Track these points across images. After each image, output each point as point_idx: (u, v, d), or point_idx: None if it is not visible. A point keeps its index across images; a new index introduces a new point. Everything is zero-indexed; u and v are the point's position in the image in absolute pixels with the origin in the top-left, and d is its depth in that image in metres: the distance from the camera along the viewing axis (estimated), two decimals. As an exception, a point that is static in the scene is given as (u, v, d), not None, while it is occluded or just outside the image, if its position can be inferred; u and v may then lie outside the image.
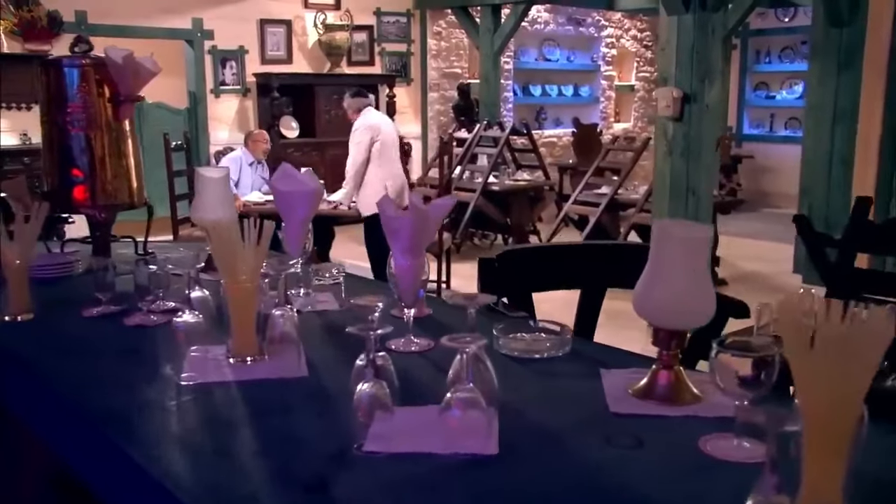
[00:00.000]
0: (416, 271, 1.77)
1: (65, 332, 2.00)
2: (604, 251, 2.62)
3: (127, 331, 1.97)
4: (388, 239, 1.77)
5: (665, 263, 1.47)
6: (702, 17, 5.96)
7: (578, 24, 12.24)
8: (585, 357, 1.76)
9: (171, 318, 2.01)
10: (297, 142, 9.44)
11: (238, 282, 1.65)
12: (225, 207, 2.49)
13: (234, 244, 1.66)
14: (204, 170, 2.50)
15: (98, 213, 2.57)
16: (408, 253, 1.75)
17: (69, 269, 2.49)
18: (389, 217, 1.72)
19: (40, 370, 1.78)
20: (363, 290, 2.30)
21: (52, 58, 2.59)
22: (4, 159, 7.21)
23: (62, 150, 2.56)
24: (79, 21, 8.00)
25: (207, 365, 1.67)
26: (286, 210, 2.18)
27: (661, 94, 6.17)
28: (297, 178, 2.20)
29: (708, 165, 6.27)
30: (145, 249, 2.78)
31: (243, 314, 1.68)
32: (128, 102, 2.56)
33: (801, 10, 11.73)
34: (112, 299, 2.11)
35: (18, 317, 2.05)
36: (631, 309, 1.54)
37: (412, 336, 1.80)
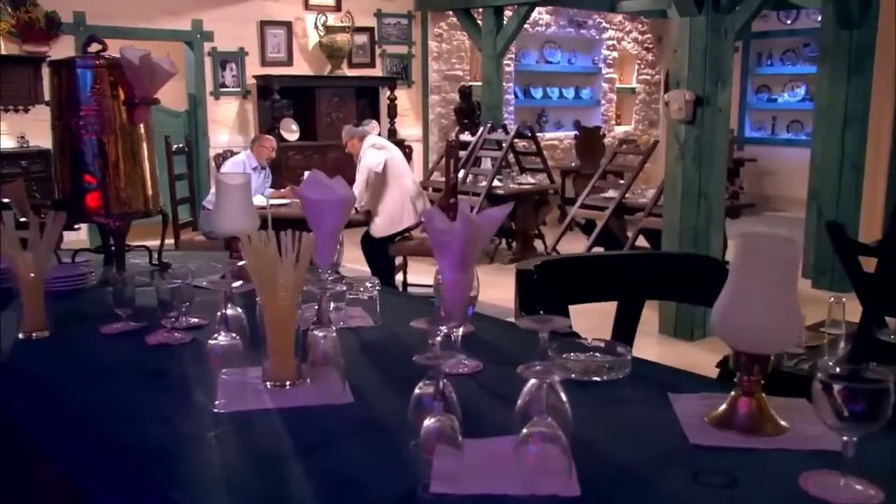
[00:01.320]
0: (465, 287, 1.65)
1: (83, 352, 1.87)
2: (645, 261, 2.51)
3: (150, 350, 1.84)
4: (436, 252, 1.64)
5: (751, 280, 1.35)
6: (714, 19, 5.85)
7: (579, 26, 12.14)
8: (648, 379, 1.64)
9: (195, 336, 1.89)
10: (298, 145, 9.31)
11: (276, 299, 1.53)
12: (247, 216, 2.37)
13: (272, 258, 1.53)
14: (225, 176, 2.38)
15: (112, 222, 2.44)
16: (457, 267, 1.63)
17: (82, 281, 2.35)
18: (438, 230, 1.60)
19: (60, 394, 1.65)
20: (400, 305, 2.18)
21: (64, 58, 2.46)
22: (2, 163, 7.06)
23: (74, 156, 2.43)
24: (77, 22, 7.87)
25: (243, 390, 1.55)
26: (315, 219, 2.05)
27: (673, 96, 6.06)
28: (327, 185, 2.07)
29: (720, 169, 6.16)
30: (160, 259, 2.65)
31: (281, 334, 1.55)
32: (143, 105, 2.43)
33: (804, 13, 11.67)
34: (132, 315, 1.98)
35: (33, 334, 1.92)
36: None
37: (461, 357, 1.68)
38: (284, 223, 2.42)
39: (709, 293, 2.45)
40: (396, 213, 6.19)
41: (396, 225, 6.24)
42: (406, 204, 6.23)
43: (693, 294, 2.41)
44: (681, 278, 2.40)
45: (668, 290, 2.42)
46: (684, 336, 5.98)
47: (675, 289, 2.43)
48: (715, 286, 2.05)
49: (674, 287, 2.42)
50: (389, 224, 6.23)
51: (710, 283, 2.44)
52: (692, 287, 2.38)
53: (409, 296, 2.19)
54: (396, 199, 6.21)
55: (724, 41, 5.94)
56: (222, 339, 1.60)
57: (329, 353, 1.55)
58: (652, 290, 2.46)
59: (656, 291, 2.44)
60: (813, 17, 11.77)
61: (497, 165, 8.39)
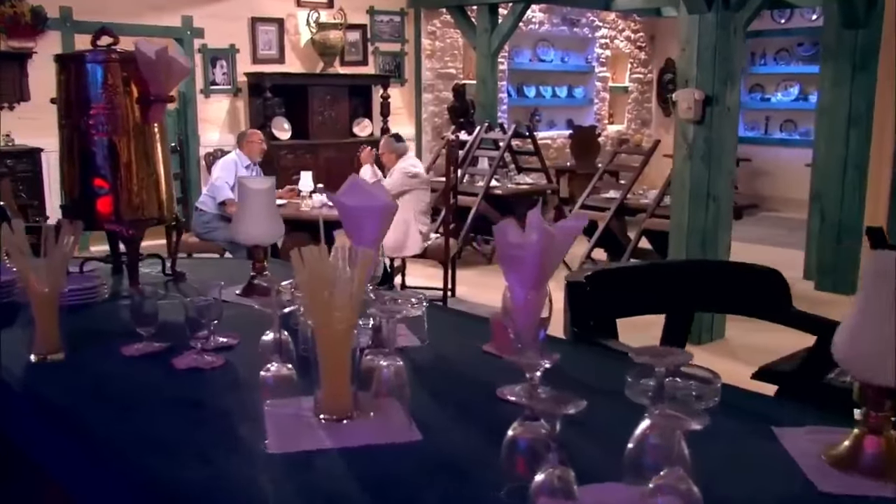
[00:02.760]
0: (537, 307, 1.48)
1: (104, 376, 1.68)
2: (699, 270, 2.35)
3: (179, 375, 1.66)
4: (506, 268, 1.48)
5: (883, 305, 1.19)
6: (724, 16, 5.72)
7: (573, 24, 12.00)
8: (742, 409, 1.48)
9: (227, 359, 1.71)
10: (290, 143, 9.11)
11: (332, 322, 1.35)
12: (273, 223, 2.20)
13: (329, 276, 1.35)
14: (248, 180, 2.20)
15: (125, 230, 2.25)
16: (529, 285, 1.46)
17: (94, 294, 2.16)
18: (511, 243, 1.43)
19: (81, 425, 1.47)
20: (444, 321, 2.01)
21: (72, 52, 2.27)
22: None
23: (84, 158, 2.25)
24: (64, 17, 7.63)
25: (294, 426, 1.38)
26: (353, 229, 1.88)
27: (681, 95, 5.91)
28: (367, 191, 1.90)
29: (729, 170, 6.04)
30: (174, 269, 2.47)
31: (336, 362, 1.38)
32: (159, 103, 2.25)
33: (798, 12, 11.58)
34: (154, 334, 1.80)
35: (48, 356, 1.73)
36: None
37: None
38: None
39: (766, 305, 2.32)
40: (399, 241, 6.05)
41: (400, 250, 6.12)
42: (414, 232, 6.12)
43: (750, 306, 2.26)
44: (737, 289, 2.25)
45: (722, 302, 2.27)
46: (692, 340, 5.84)
47: (731, 300, 2.27)
48: (773, 298, 1.90)
49: (729, 298, 2.27)
50: (394, 249, 6.10)
51: (768, 295, 2.30)
52: (749, 299, 2.23)
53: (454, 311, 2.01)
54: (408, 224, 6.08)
55: (733, 39, 5.82)
56: (275, 370, 1.42)
57: (395, 384, 1.37)
58: (704, 302, 2.31)
59: (709, 303, 2.28)
60: (807, 16, 11.70)
61: (495, 165, 8.23)
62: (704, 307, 2.26)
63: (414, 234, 6.14)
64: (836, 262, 7.27)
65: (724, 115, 5.85)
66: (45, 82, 7.42)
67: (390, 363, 1.39)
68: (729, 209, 6.10)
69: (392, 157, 6.26)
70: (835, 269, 7.24)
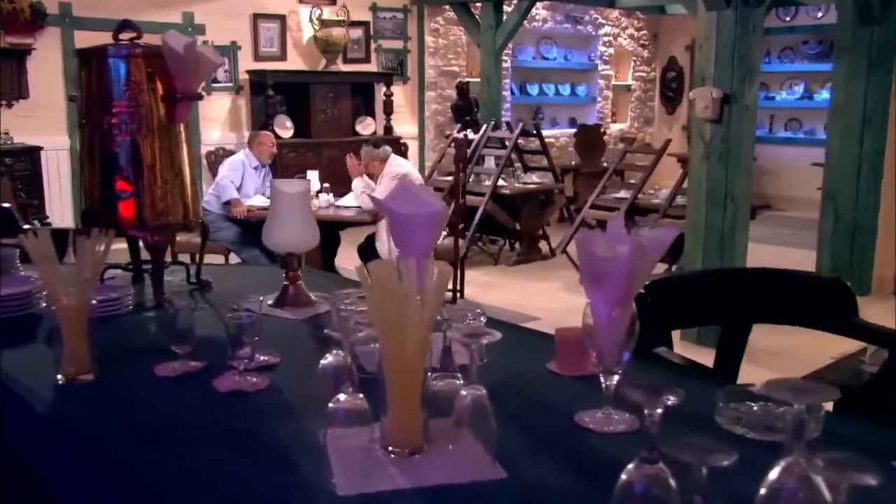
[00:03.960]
0: (622, 325, 1.34)
1: (139, 401, 1.53)
2: (759, 280, 2.21)
3: (222, 399, 1.51)
4: (589, 283, 1.34)
5: None
6: (743, 13, 5.59)
7: (576, 22, 11.87)
8: (845, 438, 1.34)
9: (272, 380, 1.57)
10: (292, 142, 8.97)
11: (405, 345, 1.21)
12: (308, 229, 2.05)
13: (405, 296, 1.21)
14: (281, 183, 2.06)
15: (150, 236, 2.11)
16: (616, 302, 1.33)
17: (118, 306, 2.01)
18: (597, 257, 1.29)
19: (117, 458, 1.32)
20: (514, 341, 1.86)
21: (94, 46, 2.12)
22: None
23: (105, 159, 2.09)
24: (63, 13, 7.47)
25: (362, 461, 1.23)
26: (403, 237, 1.74)
27: (698, 94, 5.79)
28: (419, 196, 1.76)
29: (747, 170, 5.91)
30: (199, 277, 2.32)
31: (408, 390, 1.24)
32: (186, 101, 2.10)
33: (803, 10, 11.47)
34: (190, 352, 1.66)
35: (77, 377, 1.59)
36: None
37: (612, 412, 1.38)
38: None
39: (830, 317, 2.19)
40: None
41: None
42: None
43: (812, 318, 2.13)
44: (798, 299, 2.11)
45: (782, 313, 2.13)
46: (709, 343, 5.71)
47: (791, 311, 2.14)
48: (837, 309, 1.77)
49: (790, 309, 2.14)
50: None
51: (832, 305, 2.17)
52: (811, 310, 2.10)
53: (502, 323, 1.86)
54: None
55: (752, 36, 5.69)
56: (347, 401, 1.27)
57: (478, 417, 1.23)
58: (763, 313, 2.17)
59: (768, 314, 2.15)
60: (812, 13, 11.59)
61: (502, 164, 8.09)
62: (763, 318, 2.12)
63: None
64: (851, 263, 7.16)
65: (742, 113, 5.74)
66: (44, 79, 7.34)
67: (471, 392, 1.24)
68: (746, 209, 5.98)
69: (377, 164, 6.12)
70: (849, 270, 7.13)
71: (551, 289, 6.86)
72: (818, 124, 12.07)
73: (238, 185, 6.22)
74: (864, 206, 7.10)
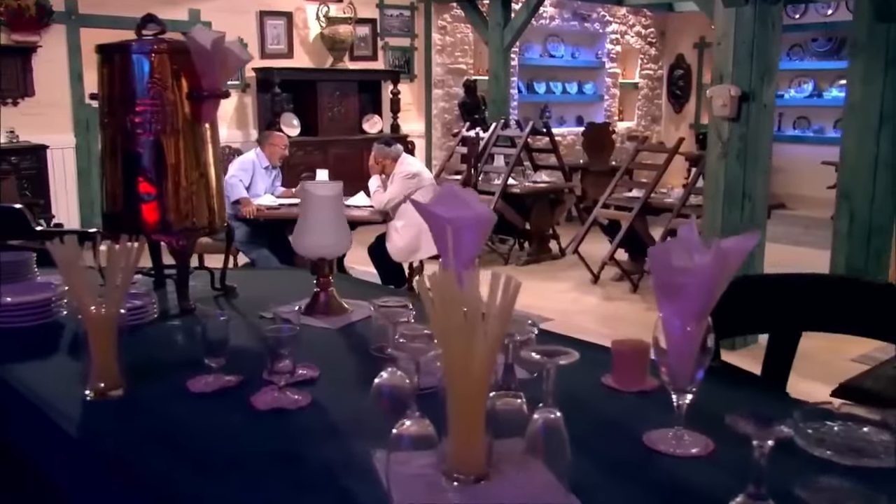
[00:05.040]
0: (697, 341, 1.25)
1: (175, 420, 1.43)
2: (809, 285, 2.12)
3: (262, 418, 1.41)
4: (663, 295, 1.24)
5: None
6: (763, 10, 5.50)
7: (583, 19, 11.77)
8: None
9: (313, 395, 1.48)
10: (299, 140, 8.86)
11: (471, 364, 1.12)
12: (341, 234, 1.96)
13: (470, 309, 1.12)
14: (313, 185, 1.96)
15: (175, 240, 2.01)
16: (692, 315, 1.23)
17: (143, 314, 1.92)
18: (673, 268, 1.20)
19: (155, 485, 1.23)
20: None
21: (116, 42, 2.03)
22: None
23: (128, 160, 2.00)
24: (69, 10, 7.36)
25: (422, 489, 1.14)
26: (446, 244, 1.65)
27: (716, 92, 5.70)
28: (463, 199, 1.66)
29: (765, 169, 5.83)
30: (223, 283, 2.23)
31: (471, 413, 1.14)
32: (212, 99, 2.01)
33: (812, 7, 11.38)
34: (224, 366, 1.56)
35: (106, 392, 1.49)
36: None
37: (684, 432, 1.28)
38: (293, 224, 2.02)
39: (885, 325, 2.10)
40: (414, 242, 5.83)
41: (413, 253, 5.90)
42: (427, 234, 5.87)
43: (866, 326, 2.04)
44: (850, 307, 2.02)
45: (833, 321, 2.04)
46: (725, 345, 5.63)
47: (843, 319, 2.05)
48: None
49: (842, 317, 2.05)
50: (408, 252, 5.88)
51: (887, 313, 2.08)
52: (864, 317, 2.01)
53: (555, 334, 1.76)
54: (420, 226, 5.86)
55: (771, 33, 5.60)
56: (413, 426, 1.17)
57: (553, 443, 1.14)
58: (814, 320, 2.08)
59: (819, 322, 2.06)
60: (822, 11, 11.49)
61: (513, 163, 8.00)
62: (814, 326, 2.03)
63: (427, 237, 5.90)
64: (867, 264, 7.06)
65: (760, 111, 5.66)
66: (49, 77, 7.24)
67: (545, 415, 1.15)
68: (764, 209, 5.90)
69: (390, 163, 6.04)
70: (864, 271, 7.03)
71: (562, 289, 6.77)
72: (827, 122, 11.99)
73: (248, 185, 6.13)
74: (880, 206, 7.00)
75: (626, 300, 6.77)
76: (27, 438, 1.56)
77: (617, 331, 1.84)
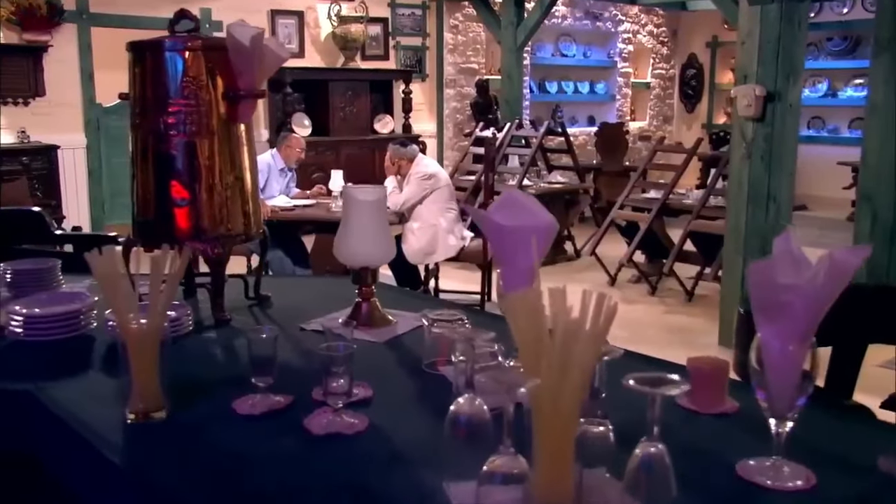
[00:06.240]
0: (799, 364, 1.14)
1: (224, 446, 1.31)
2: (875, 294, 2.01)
3: (319, 445, 1.30)
4: (762, 315, 1.14)
5: None
6: (789, 8, 5.39)
7: (596, 18, 11.66)
8: None
9: (370, 419, 1.37)
10: (311, 140, 8.71)
11: (563, 393, 1.01)
12: (385, 242, 1.86)
13: (568, 332, 1.01)
14: (355, 190, 1.86)
15: (210, 248, 1.90)
16: (795, 336, 1.13)
17: (178, 327, 1.81)
18: (778, 286, 1.09)
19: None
20: (622, 366, 1.66)
21: (148, 39, 1.92)
22: (1, 160, 6.45)
23: (160, 163, 1.90)
24: (80, 10, 7.27)
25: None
26: (506, 252, 1.55)
27: (741, 91, 5.59)
28: (525, 206, 1.56)
29: (790, 170, 5.71)
30: (257, 292, 2.13)
31: (560, 443, 1.04)
32: (249, 98, 1.91)
33: (827, 6, 11.27)
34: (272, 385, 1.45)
35: (148, 415, 1.39)
36: None
37: (783, 463, 1.18)
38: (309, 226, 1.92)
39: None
40: (430, 244, 5.73)
41: (429, 255, 5.80)
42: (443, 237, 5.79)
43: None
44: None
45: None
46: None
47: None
48: None
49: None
50: (424, 255, 5.79)
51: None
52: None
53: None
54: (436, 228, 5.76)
55: (797, 32, 5.50)
56: (506, 464, 1.06)
57: (657, 479, 1.03)
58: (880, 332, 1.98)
59: (886, 334, 1.95)
60: (837, 10, 11.38)
61: (528, 164, 7.90)
62: (880, 338, 1.92)
63: (443, 239, 5.81)
64: (889, 267, 6.94)
65: (786, 111, 5.56)
66: (60, 77, 7.14)
67: (649, 449, 1.04)
68: (789, 211, 5.78)
69: (405, 163, 5.94)
70: (887, 275, 6.91)
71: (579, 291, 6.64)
72: (842, 122, 11.87)
73: (262, 186, 6.03)
74: (904, 210, 6.88)
75: (645, 303, 6.67)
76: (62, 461, 1.46)
77: (636, 334, 1.73)
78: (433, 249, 5.81)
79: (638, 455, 1.04)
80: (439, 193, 5.89)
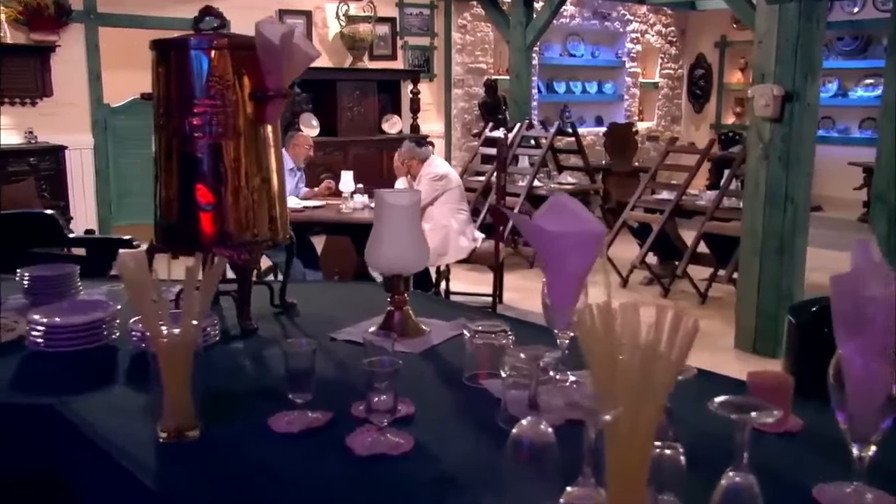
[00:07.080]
0: (882, 383, 1.07)
1: (263, 468, 1.23)
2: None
3: (362, 465, 1.23)
4: (842, 329, 1.06)
5: None
6: (808, 6, 5.31)
7: (604, 18, 11.59)
8: None
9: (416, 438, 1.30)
10: (319, 141, 8.65)
11: (639, 418, 0.93)
12: (417, 246, 1.78)
13: (647, 351, 0.93)
14: (388, 195, 1.79)
15: (237, 254, 1.83)
16: (879, 352, 1.05)
17: (204, 337, 1.73)
18: (863, 298, 1.02)
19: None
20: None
21: (173, 38, 1.85)
22: (8, 160, 6.38)
23: (185, 166, 1.82)
24: (87, 9, 7.20)
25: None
26: (555, 260, 1.47)
27: (758, 91, 5.51)
28: (573, 212, 1.48)
29: (808, 171, 5.64)
30: (283, 299, 2.05)
31: (634, 470, 0.96)
32: (277, 99, 1.83)
33: (838, 5, 11.18)
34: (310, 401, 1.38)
35: (182, 434, 1.31)
36: None
37: (866, 489, 1.10)
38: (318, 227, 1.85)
39: None
40: (441, 246, 5.65)
41: (441, 256, 5.72)
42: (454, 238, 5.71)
43: None
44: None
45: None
46: (765, 352, 5.48)
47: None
48: None
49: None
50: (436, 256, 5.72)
51: None
52: None
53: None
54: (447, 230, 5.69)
55: (815, 31, 5.41)
56: (584, 497, 0.98)
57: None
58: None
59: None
60: (848, 9, 11.29)
61: (538, 164, 7.83)
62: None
63: (455, 240, 5.73)
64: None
65: (804, 111, 5.47)
66: (68, 77, 7.08)
67: (737, 480, 0.96)
68: (806, 212, 5.70)
69: (417, 164, 5.86)
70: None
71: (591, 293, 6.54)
72: (853, 123, 11.78)
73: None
74: (919, 211, 6.80)
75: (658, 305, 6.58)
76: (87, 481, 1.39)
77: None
78: (445, 251, 5.73)
79: (724, 486, 0.97)
80: (450, 194, 5.82)
